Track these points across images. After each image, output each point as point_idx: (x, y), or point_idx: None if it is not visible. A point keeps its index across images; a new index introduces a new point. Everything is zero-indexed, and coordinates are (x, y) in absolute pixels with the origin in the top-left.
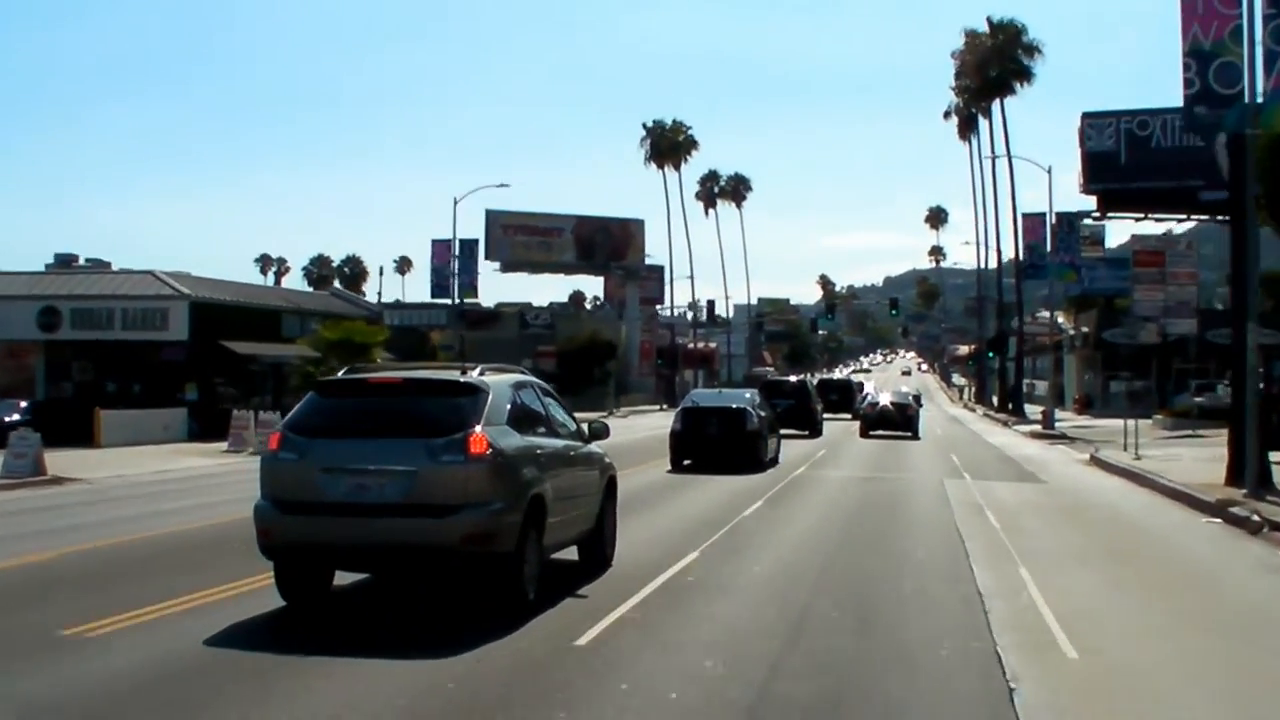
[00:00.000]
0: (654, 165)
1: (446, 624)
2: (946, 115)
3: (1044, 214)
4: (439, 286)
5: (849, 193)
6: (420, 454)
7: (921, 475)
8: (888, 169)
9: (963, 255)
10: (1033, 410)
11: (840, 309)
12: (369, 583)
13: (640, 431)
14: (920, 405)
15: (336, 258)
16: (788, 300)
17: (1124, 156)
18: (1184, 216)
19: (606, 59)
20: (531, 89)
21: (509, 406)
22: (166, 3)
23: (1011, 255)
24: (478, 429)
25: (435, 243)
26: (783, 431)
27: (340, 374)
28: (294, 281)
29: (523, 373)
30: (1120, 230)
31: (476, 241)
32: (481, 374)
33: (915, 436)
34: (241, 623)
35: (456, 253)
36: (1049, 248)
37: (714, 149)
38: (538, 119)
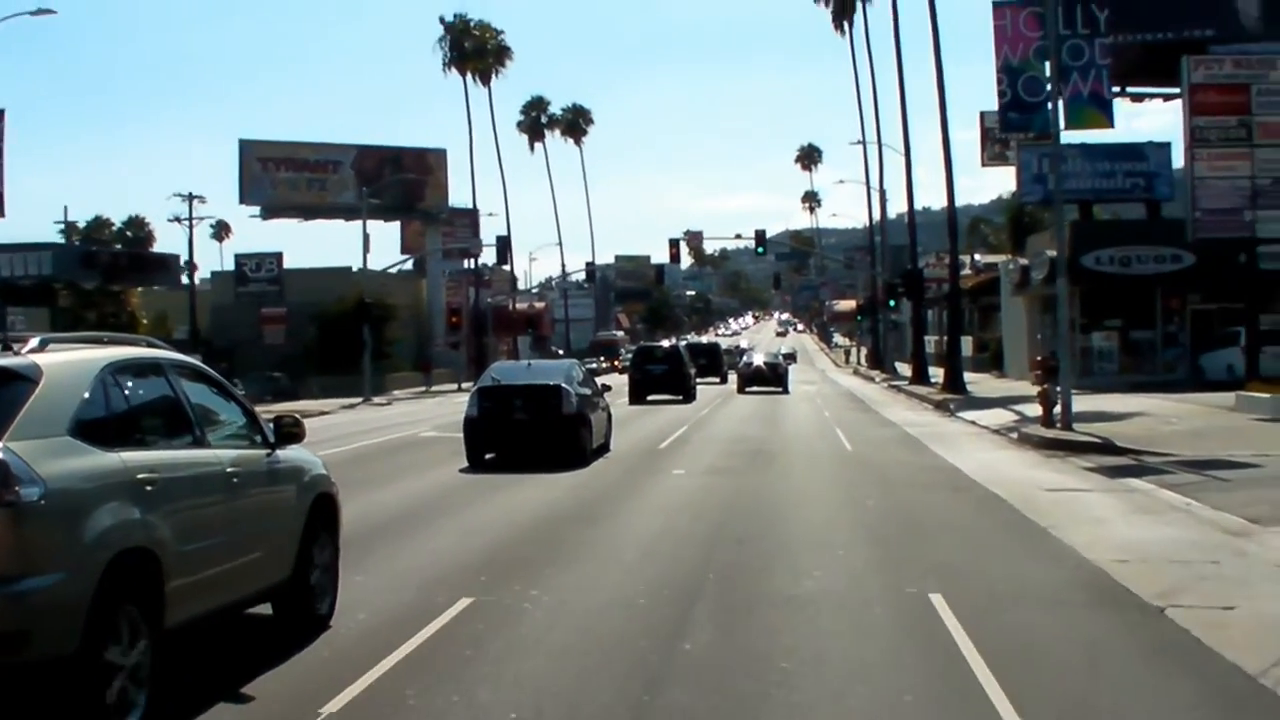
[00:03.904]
0: (455, 72)
1: None
2: None
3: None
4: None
5: (717, 153)
6: None
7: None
8: (761, 127)
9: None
10: (941, 377)
11: (713, 275)
12: None
13: (416, 424)
14: (791, 363)
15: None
16: (648, 258)
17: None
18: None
19: None
20: None
21: (82, 404)
22: None
23: (905, 181)
24: None
25: None
26: (657, 397)
27: None
28: None
29: (153, 346)
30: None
31: None
32: (34, 350)
33: (785, 391)
34: None
35: None
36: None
37: (553, 91)
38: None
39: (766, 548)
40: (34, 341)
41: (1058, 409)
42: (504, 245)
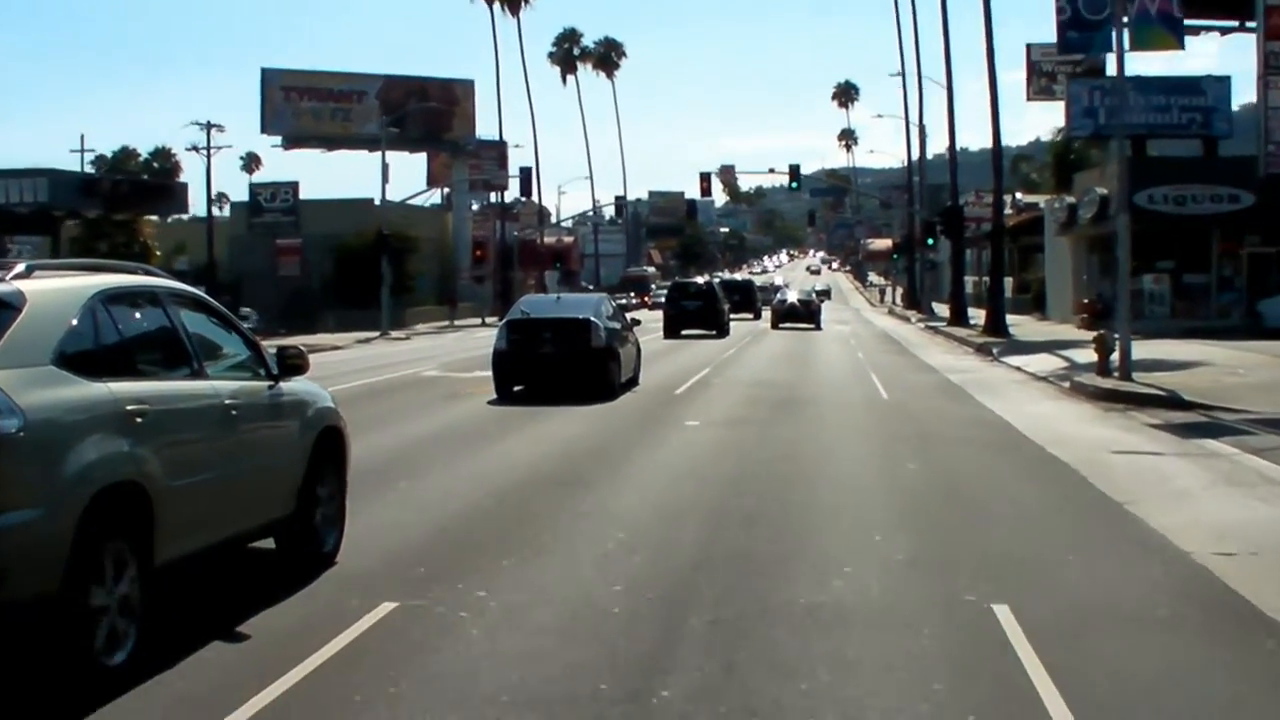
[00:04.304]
0: (482, 1)
1: None
2: None
3: None
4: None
5: (751, 93)
6: None
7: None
8: (796, 66)
9: (877, 145)
10: (981, 317)
11: (748, 213)
12: None
13: (425, 361)
14: (825, 299)
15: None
16: (682, 194)
17: None
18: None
19: None
20: None
21: (69, 333)
22: None
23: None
24: None
25: None
26: (691, 332)
27: None
28: None
29: (150, 275)
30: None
31: None
32: (19, 276)
33: (818, 328)
34: None
35: None
36: None
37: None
38: None
39: (784, 530)
40: (20, 267)
41: (1114, 356)
42: (527, 177)
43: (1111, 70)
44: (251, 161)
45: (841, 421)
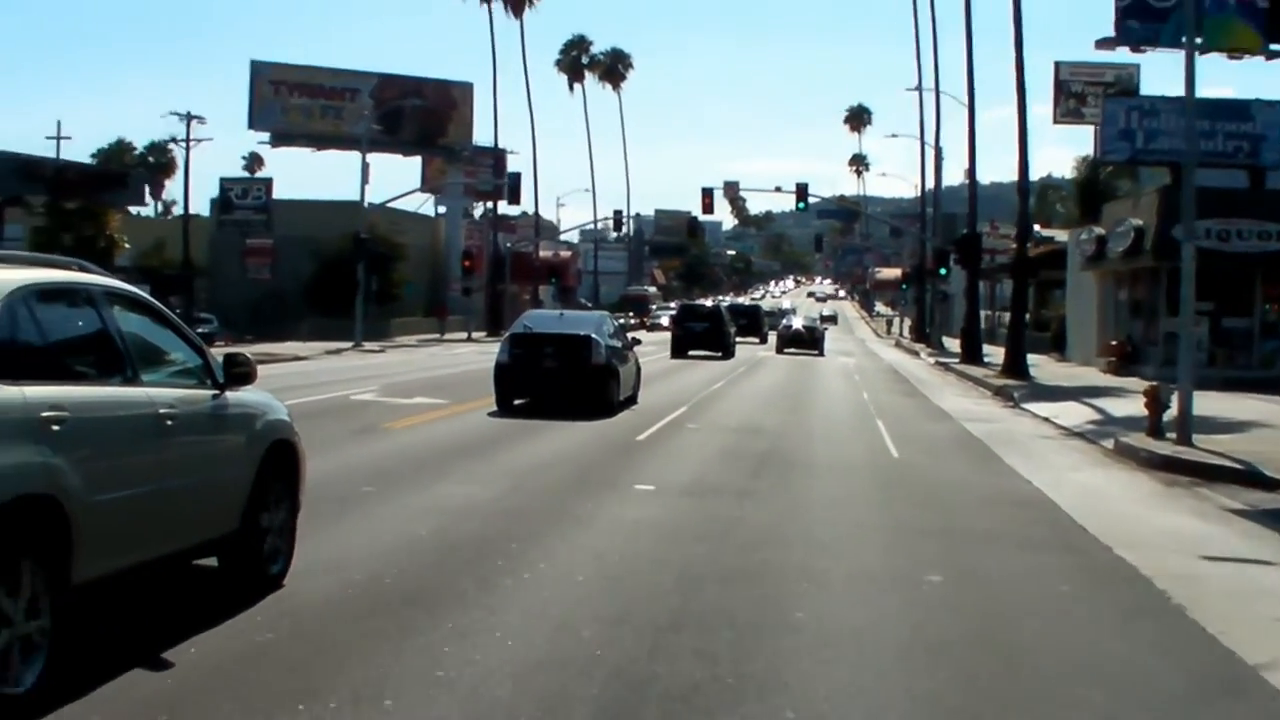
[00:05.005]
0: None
1: None
2: None
3: None
4: None
5: (759, 117)
6: None
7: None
8: (806, 90)
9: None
10: (996, 355)
11: (756, 236)
12: None
13: (373, 379)
14: (828, 326)
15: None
16: (689, 213)
17: None
18: None
19: None
20: None
21: None
22: None
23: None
24: None
25: None
26: (697, 353)
27: None
28: None
29: (85, 270)
30: (1159, 72)
31: None
32: None
33: (820, 354)
34: None
35: None
36: None
37: (587, 26)
38: None
39: None
40: None
41: (1169, 413)
42: (516, 183)
43: (1148, 90)
44: (255, 161)
45: (838, 495)
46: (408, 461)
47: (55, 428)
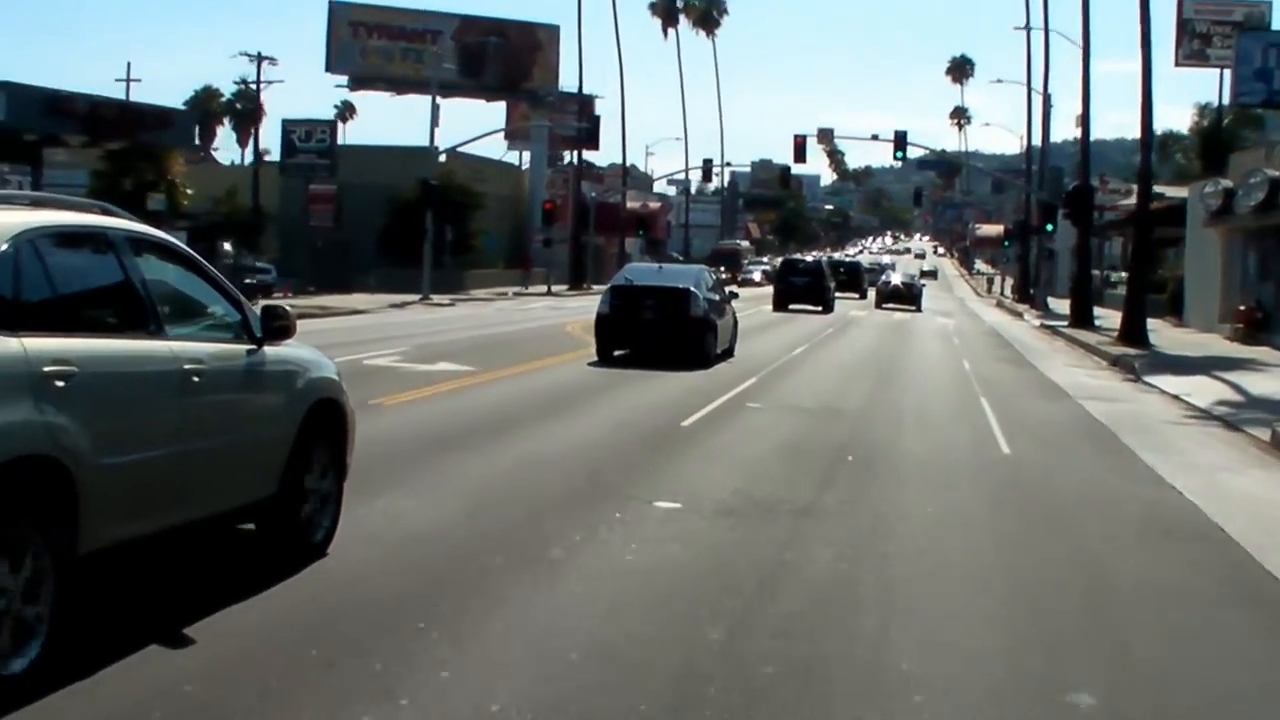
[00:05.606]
0: None
1: None
2: None
3: None
4: None
5: (857, 70)
6: None
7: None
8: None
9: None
10: (1107, 318)
11: (855, 191)
12: None
13: (407, 339)
14: (926, 283)
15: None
16: (787, 168)
17: None
18: None
19: None
20: None
21: None
22: None
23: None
24: None
25: None
26: (798, 307)
27: None
28: None
29: (109, 214)
30: None
31: None
32: None
33: (919, 310)
34: None
35: None
36: None
37: None
38: None
39: None
40: None
41: None
42: (595, 127)
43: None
44: (346, 110)
45: (933, 518)
46: (374, 458)
47: (60, 384)
